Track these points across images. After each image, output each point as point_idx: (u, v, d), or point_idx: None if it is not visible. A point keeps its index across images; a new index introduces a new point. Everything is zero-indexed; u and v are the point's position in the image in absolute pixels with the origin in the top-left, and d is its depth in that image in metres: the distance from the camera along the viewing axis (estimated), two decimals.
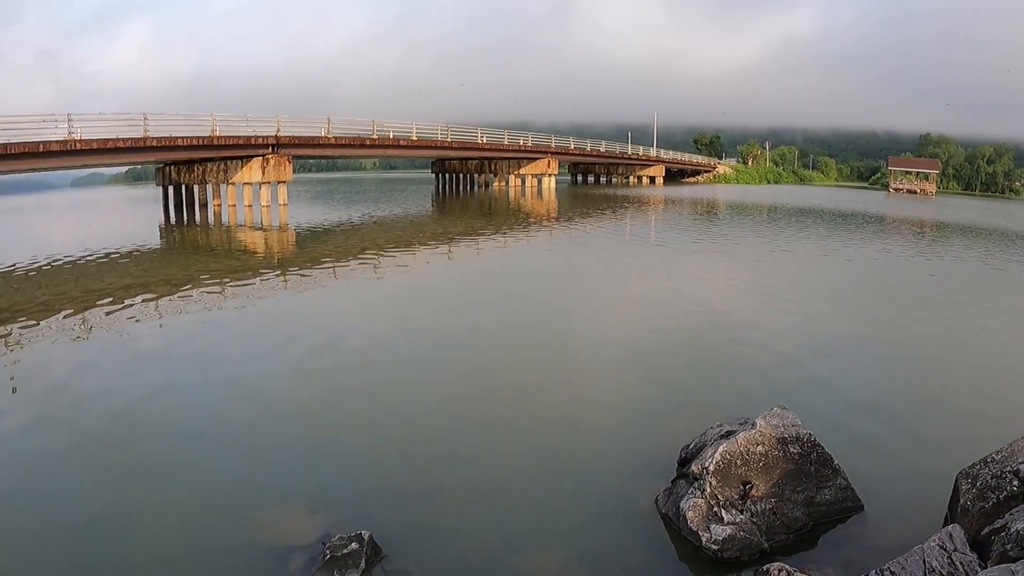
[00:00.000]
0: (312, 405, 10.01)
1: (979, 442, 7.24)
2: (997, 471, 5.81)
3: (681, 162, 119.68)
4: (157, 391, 10.49)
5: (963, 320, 15.66)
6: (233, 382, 10.96)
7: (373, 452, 8.39)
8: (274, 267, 22.86)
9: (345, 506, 6.95)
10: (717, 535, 5.90)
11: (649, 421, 9.23)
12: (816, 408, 9.41)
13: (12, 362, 12.02)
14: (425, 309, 16.33)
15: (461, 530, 6.62)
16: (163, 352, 12.73)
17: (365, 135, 53.91)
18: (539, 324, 14.70)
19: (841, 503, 6.62)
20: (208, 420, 9.41)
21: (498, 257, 26.04)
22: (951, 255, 28.05)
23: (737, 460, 6.38)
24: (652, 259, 25.33)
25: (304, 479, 7.62)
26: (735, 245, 28.70)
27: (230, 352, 12.70)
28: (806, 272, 22.64)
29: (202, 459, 8.21)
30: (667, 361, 12.08)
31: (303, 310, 16.34)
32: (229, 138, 43.34)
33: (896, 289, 19.89)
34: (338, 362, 11.89)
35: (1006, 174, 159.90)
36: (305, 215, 43.97)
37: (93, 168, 44.44)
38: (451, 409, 9.77)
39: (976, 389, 10.82)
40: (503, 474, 7.76)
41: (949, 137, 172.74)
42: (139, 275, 21.52)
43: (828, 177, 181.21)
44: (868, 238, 33.62)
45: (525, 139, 75.50)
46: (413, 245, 28.30)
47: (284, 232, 34.56)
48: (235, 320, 15.24)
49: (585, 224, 37.93)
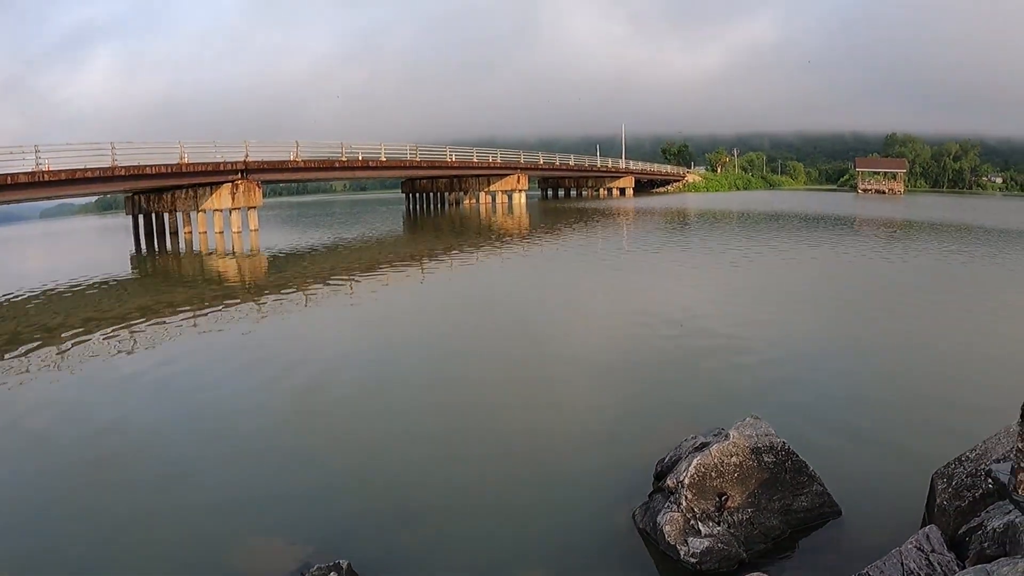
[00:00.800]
0: (287, 434, 9.87)
1: (955, 441, 7.24)
2: (972, 469, 5.82)
3: (650, 172, 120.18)
4: (130, 424, 10.36)
5: (935, 319, 15.80)
6: (207, 414, 10.82)
7: (350, 479, 8.30)
8: (247, 294, 22.67)
9: (324, 535, 6.86)
10: (695, 548, 5.88)
11: (626, 436, 9.19)
12: (791, 415, 9.44)
13: None
14: (398, 332, 16.22)
15: (440, 554, 6.55)
16: (136, 384, 12.57)
17: (334, 158, 53.79)
18: (512, 342, 14.64)
19: (818, 509, 6.62)
20: (183, 453, 9.27)
21: (470, 276, 25.97)
22: (921, 254, 28.29)
23: (712, 472, 6.37)
24: (624, 272, 25.33)
25: (282, 509, 7.53)
26: (706, 255, 28.80)
27: (203, 382, 12.54)
28: (777, 278, 22.72)
29: (178, 493, 8.08)
30: (642, 374, 12.06)
31: (276, 337, 16.17)
32: (198, 165, 43.11)
33: (867, 290, 20.00)
34: (312, 389, 11.78)
35: (973, 170, 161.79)
36: (276, 240, 43.75)
37: (62, 199, 44.15)
38: (427, 433, 9.67)
39: (950, 387, 10.89)
40: (481, 496, 7.70)
41: (915, 136, 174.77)
42: (111, 306, 21.26)
43: (797, 181, 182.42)
44: (838, 241, 33.88)
45: (494, 156, 75.63)
46: (385, 267, 28.16)
47: (256, 258, 34.35)
48: (207, 350, 15.08)
49: (556, 239, 37.92)
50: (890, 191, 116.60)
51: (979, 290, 20.03)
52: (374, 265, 28.82)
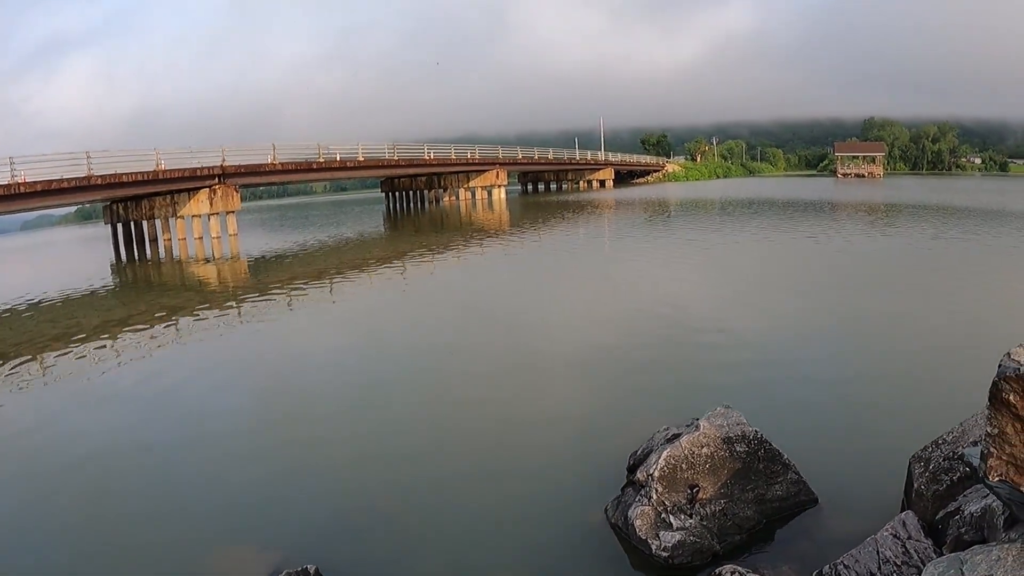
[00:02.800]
0: (259, 440, 9.78)
1: (934, 424, 7.11)
2: (949, 452, 5.73)
3: (630, 163, 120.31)
4: (107, 434, 10.34)
5: (911, 301, 15.72)
6: (182, 422, 10.74)
7: (321, 484, 8.19)
8: (226, 300, 22.54)
9: (294, 542, 6.77)
10: (667, 542, 5.76)
11: (601, 429, 9.10)
12: (766, 402, 9.37)
13: None
14: (373, 334, 16.10)
15: (412, 558, 6.45)
16: (113, 392, 12.58)
17: (312, 159, 53.57)
18: (489, 340, 14.56)
19: (794, 498, 6.51)
20: (155, 461, 9.22)
21: (449, 275, 25.83)
22: (898, 236, 28.33)
23: (682, 464, 6.25)
24: (602, 264, 25.41)
25: (252, 516, 7.46)
26: (683, 244, 28.67)
27: (177, 389, 12.45)
28: (753, 266, 22.67)
29: (149, 501, 8.04)
30: (617, 366, 11.97)
31: (255, 342, 16.05)
32: (175, 171, 42.80)
33: (842, 275, 19.95)
34: (284, 394, 11.72)
35: (951, 151, 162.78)
36: (256, 244, 43.48)
37: (41, 211, 43.85)
38: (399, 433, 9.58)
39: (928, 370, 10.83)
40: (453, 496, 7.58)
41: (893, 120, 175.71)
42: (92, 316, 21.13)
43: (777, 168, 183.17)
44: (816, 226, 33.87)
45: (472, 152, 75.51)
46: (365, 267, 28.01)
47: (236, 263, 34.15)
48: (185, 357, 14.98)
49: (536, 233, 37.89)
50: (870, 175, 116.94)
51: (957, 271, 19.99)
52: (355, 266, 28.69)
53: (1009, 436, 3.96)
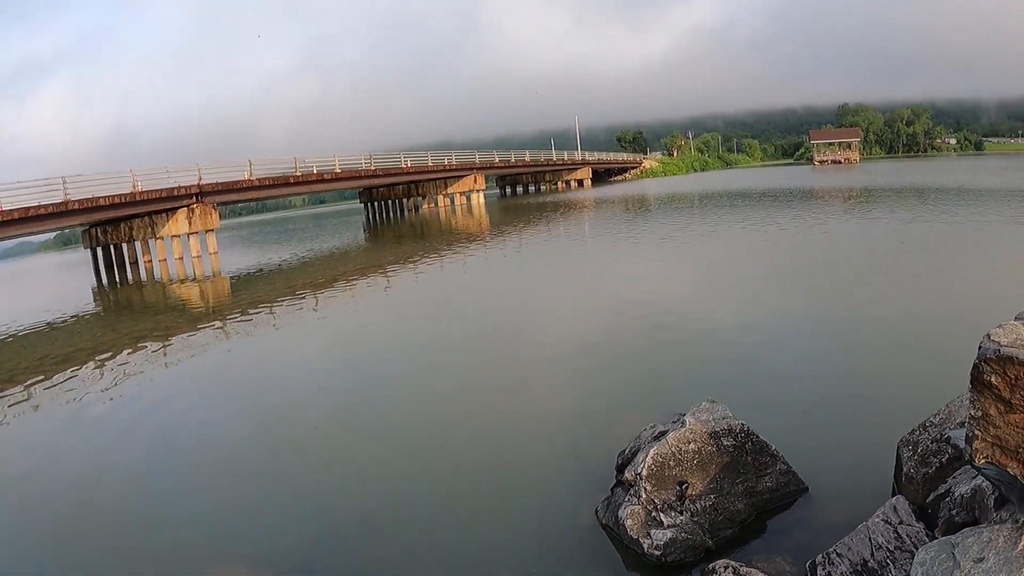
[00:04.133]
0: (249, 455, 9.80)
1: (921, 407, 7.10)
2: (936, 435, 5.72)
3: (607, 162, 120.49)
4: (97, 456, 10.35)
5: (892, 287, 15.72)
6: (173, 443, 10.70)
7: (312, 496, 8.17)
8: (210, 318, 22.48)
9: (288, 556, 6.77)
10: (658, 540, 5.73)
11: (589, 429, 9.08)
12: (752, 395, 9.37)
13: None
14: (358, 345, 16.09)
15: (404, 566, 6.45)
16: (103, 416, 12.53)
17: (288, 173, 53.41)
18: (474, 344, 14.55)
19: (784, 488, 6.50)
20: (147, 482, 9.21)
21: (431, 280, 25.75)
22: (878, 220, 28.40)
23: (670, 461, 6.23)
24: (581, 263, 25.40)
25: (246, 533, 7.47)
26: (663, 240, 28.68)
27: (169, 410, 12.42)
28: (730, 258, 22.74)
29: (143, 521, 8.03)
30: (603, 364, 11.94)
31: (241, 359, 16.04)
32: (152, 192, 42.57)
33: (822, 263, 19.95)
34: (274, 408, 11.71)
35: (926, 133, 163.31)
36: (237, 261, 43.29)
37: (18, 238, 43.63)
38: (389, 442, 9.55)
39: (912, 354, 10.81)
40: (444, 505, 7.56)
41: (866, 104, 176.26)
42: (76, 342, 20.98)
43: (754, 158, 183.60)
44: (794, 215, 33.94)
45: (449, 158, 75.54)
46: (348, 279, 27.95)
47: (218, 281, 33.96)
48: (171, 377, 14.91)
49: (517, 236, 37.90)
50: (846, 161, 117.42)
51: (935, 253, 20.03)
52: (338, 278, 28.61)
53: (993, 418, 3.94)
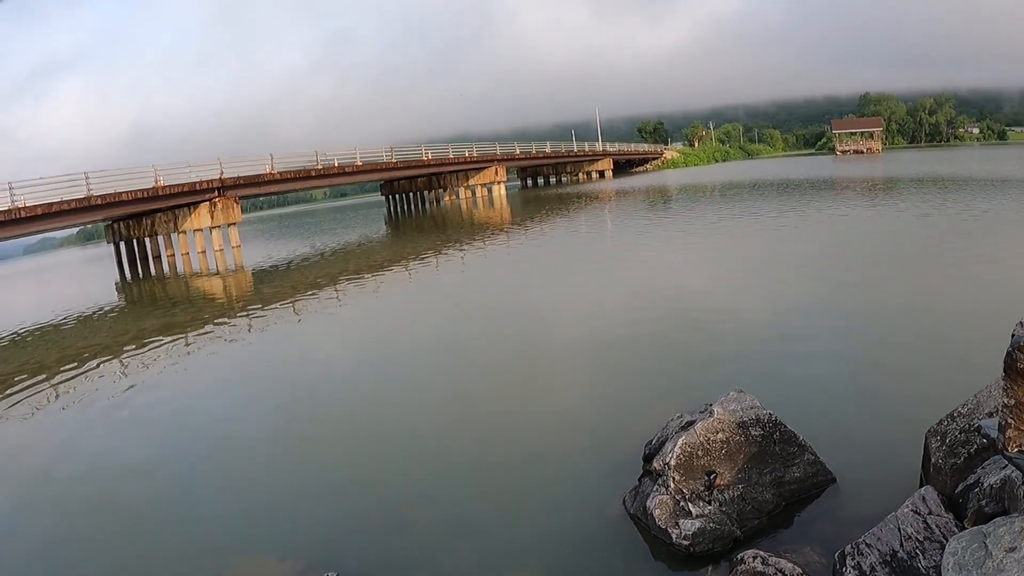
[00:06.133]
0: (274, 449, 9.81)
1: (949, 397, 7.05)
2: (965, 425, 5.68)
3: (628, 153, 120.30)
4: (123, 449, 10.41)
5: (920, 276, 15.60)
6: (199, 434, 10.80)
7: (339, 488, 8.20)
8: (233, 311, 22.59)
9: (315, 550, 6.76)
10: (686, 530, 5.73)
11: (616, 419, 9.06)
12: (780, 385, 9.34)
13: None
14: (384, 336, 16.13)
15: (432, 559, 6.44)
16: (129, 410, 12.57)
17: (309, 167, 53.61)
18: (499, 335, 14.54)
19: (812, 479, 6.48)
20: (174, 475, 9.26)
21: (455, 271, 25.80)
22: (904, 210, 28.16)
23: (698, 451, 6.22)
24: (606, 253, 25.39)
25: (272, 525, 7.47)
26: (688, 230, 28.57)
27: (194, 403, 12.52)
28: (756, 247, 22.55)
29: (168, 513, 8.10)
30: (630, 354, 11.90)
31: (265, 352, 16.10)
32: (174, 187, 42.90)
33: (850, 252, 19.81)
34: (297, 401, 11.74)
35: (949, 122, 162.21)
36: (259, 254, 43.48)
37: (42, 234, 43.97)
38: (413, 432, 9.58)
39: (940, 344, 10.67)
40: (471, 497, 7.56)
41: (888, 94, 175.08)
42: (100, 337, 21.17)
43: (775, 148, 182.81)
44: (819, 204, 33.75)
45: (470, 150, 75.54)
46: (370, 271, 28.03)
47: (240, 274, 34.19)
48: (196, 370, 15.04)
49: (539, 227, 37.87)
50: (868, 150, 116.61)
51: (965, 242, 19.82)
52: (360, 271, 28.71)
53: None
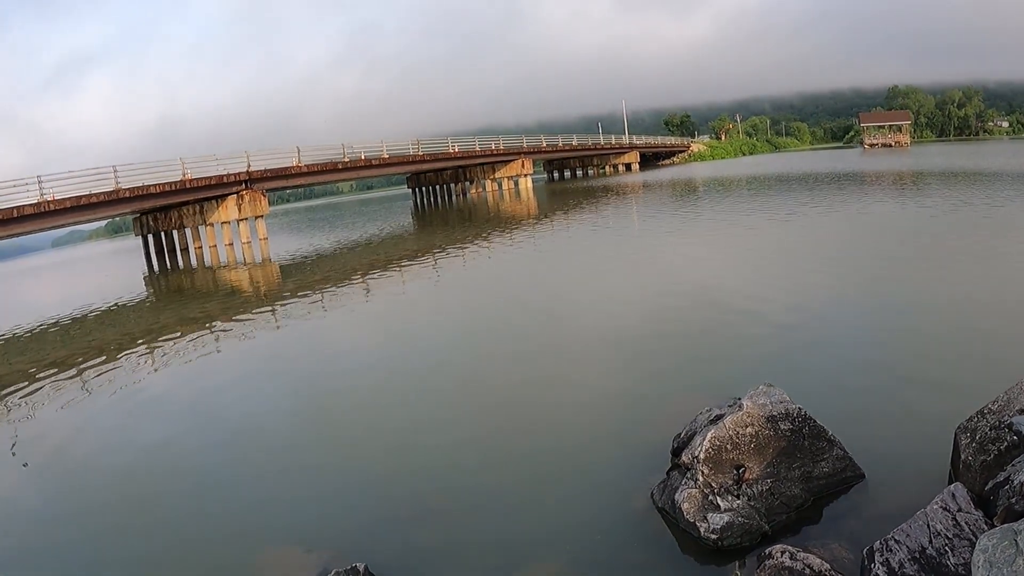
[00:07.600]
0: (302, 440, 9.89)
1: (978, 394, 7.02)
2: (995, 421, 5.66)
3: (654, 145, 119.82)
4: (152, 440, 10.51)
5: (952, 272, 15.44)
6: (227, 426, 10.89)
7: (366, 480, 8.26)
8: (261, 303, 22.77)
9: (342, 540, 6.84)
10: (715, 524, 5.75)
11: (641, 412, 9.08)
12: (809, 379, 9.32)
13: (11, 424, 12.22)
14: (412, 327, 16.19)
15: (459, 549, 6.50)
16: (157, 400, 12.77)
17: (336, 159, 53.80)
18: (527, 327, 14.55)
19: (840, 474, 6.47)
20: (203, 465, 9.35)
21: (482, 263, 25.84)
22: (933, 205, 27.90)
23: (727, 445, 6.23)
24: (634, 246, 25.31)
25: (299, 516, 7.54)
26: (717, 223, 28.50)
27: (222, 394, 12.67)
28: (790, 242, 22.37)
29: (196, 502, 8.20)
30: (658, 348, 11.89)
31: (293, 343, 16.17)
32: (201, 179, 43.16)
33: (880, 247, 19.62)
34: (326, 392, 11.84)
35: (978, 116, 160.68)
36: (286, 247, 43.74)
37: (71, 226, 44.52)
38: (443, 424, 9.64)
39: (971, 341, 10.55)
40: (498, 487, 7.61)
41: (916, 86, 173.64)
42: (129, 327, 21.46)
43: (803, 142, 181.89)
44: (849, 198, 33.42)
45: (496, 143, 75.47)
46: (398, 263, 28.13)
47: (267, 266, 34.36)
48: (225, 361, 15.20)
49: (566, 219, 37.84)
50: (897, 144, 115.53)
51: (997, 237, 19.64)
52: (387, 263, 28.84)
53: None
